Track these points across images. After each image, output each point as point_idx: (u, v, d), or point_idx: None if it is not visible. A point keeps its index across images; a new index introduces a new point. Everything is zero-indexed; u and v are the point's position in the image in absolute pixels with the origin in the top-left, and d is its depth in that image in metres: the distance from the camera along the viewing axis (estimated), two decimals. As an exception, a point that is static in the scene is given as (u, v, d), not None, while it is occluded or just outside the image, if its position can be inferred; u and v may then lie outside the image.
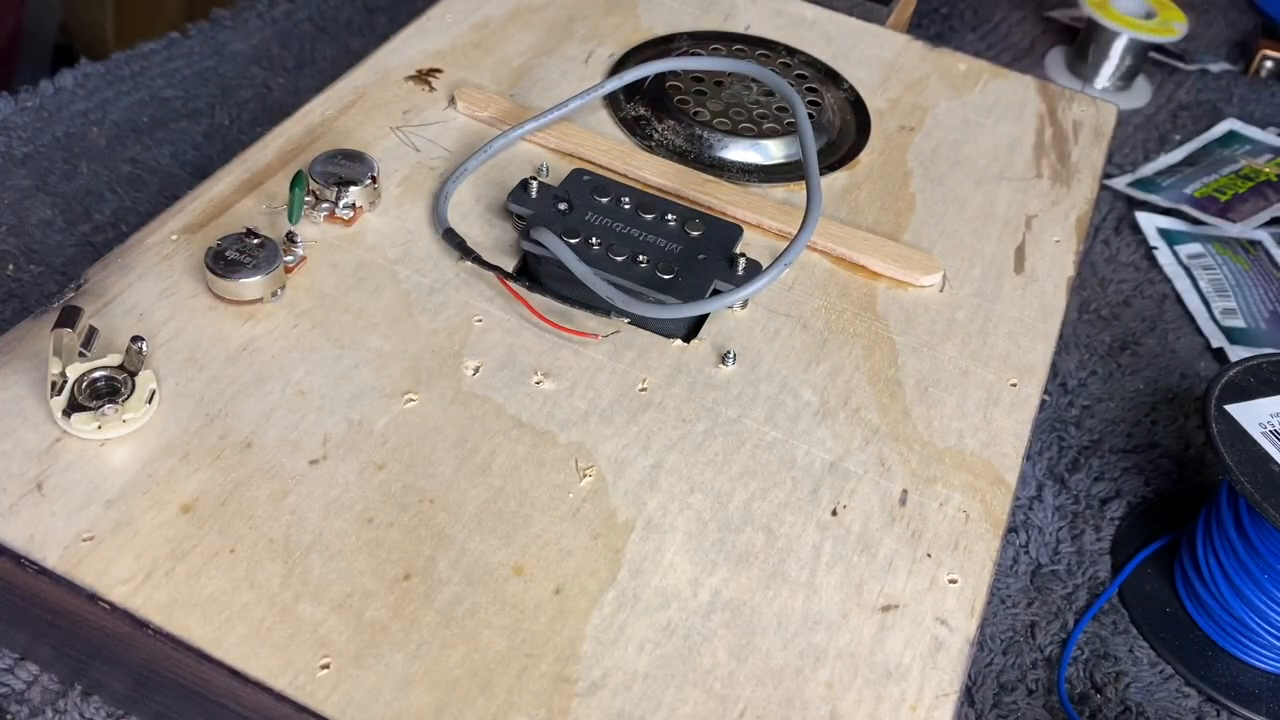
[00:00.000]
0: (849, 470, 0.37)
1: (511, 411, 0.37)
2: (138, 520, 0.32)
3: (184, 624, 0.30)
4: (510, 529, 0.34)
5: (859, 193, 0.48)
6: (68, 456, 0.33)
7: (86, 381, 0.34)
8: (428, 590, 0.32)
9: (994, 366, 0.41)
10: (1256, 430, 0.41)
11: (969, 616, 0.34)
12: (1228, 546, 0.42)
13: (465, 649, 0.31)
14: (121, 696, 0.35)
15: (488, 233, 0.43)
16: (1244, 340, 0.56)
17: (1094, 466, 0.49)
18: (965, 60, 0.56)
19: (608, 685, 0.31)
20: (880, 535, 0.35)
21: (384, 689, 0.30)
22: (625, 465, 0.36)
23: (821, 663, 0.32)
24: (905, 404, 0.39)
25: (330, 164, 0.42)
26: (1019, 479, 0.38)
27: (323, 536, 0.33)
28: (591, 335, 0.39)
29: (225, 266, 0.38)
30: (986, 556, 0.35)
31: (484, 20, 0.53)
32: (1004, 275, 0.45)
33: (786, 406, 0.38)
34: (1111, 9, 0.71)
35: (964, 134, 0.52)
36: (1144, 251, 0.62)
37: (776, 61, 0.53)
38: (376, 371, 0.37)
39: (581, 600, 0.32)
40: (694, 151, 0.48)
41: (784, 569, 0.34)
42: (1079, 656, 0.43)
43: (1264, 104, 0.75)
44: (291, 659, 0.30)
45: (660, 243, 0.42)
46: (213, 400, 0.36)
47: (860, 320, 0.42)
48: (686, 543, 0.34)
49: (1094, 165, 0.51)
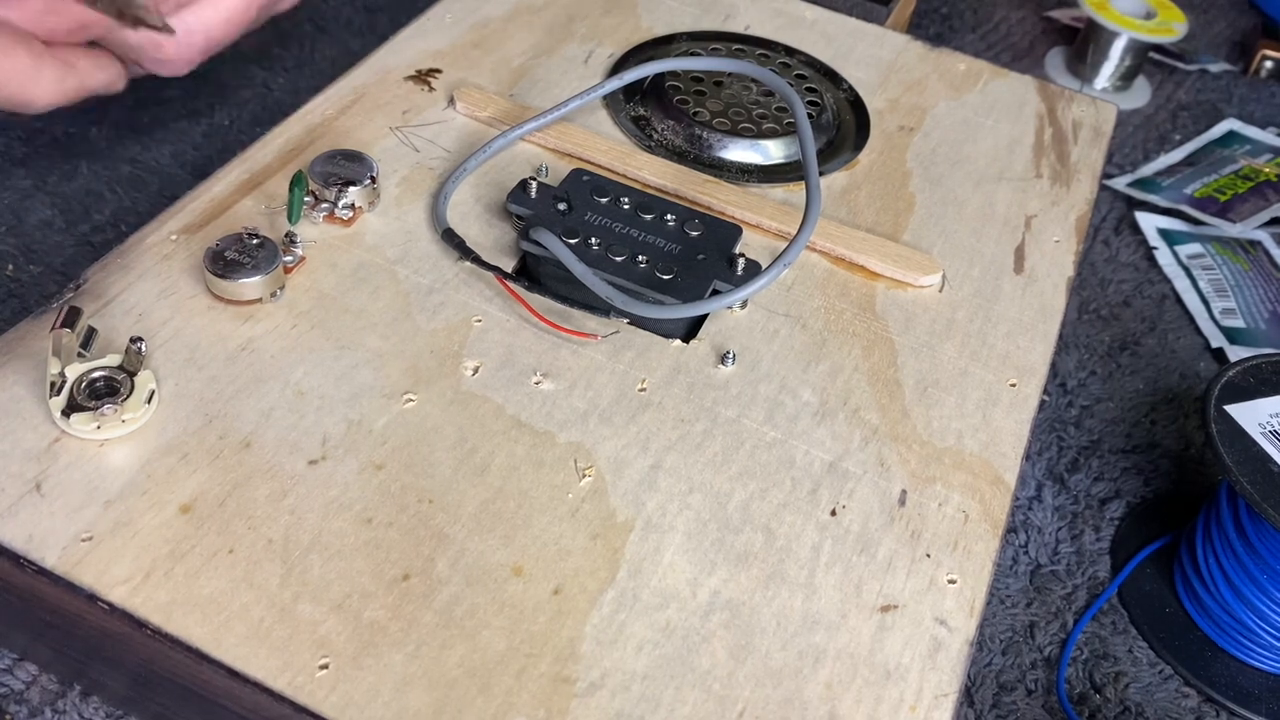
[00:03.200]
0: (848, 470, 0.37)
1: (511, 411, 0.37)
2: (137, 520, 0.32)
3: (183, 624, 0.30)
4: (509, 529, 0.34)
5: (858, 193, 0.48)
6: (67, 457, 0.33)
7: (86, 382, 0.34)
8: (427, 590, 0.32)
9: (993, 367, 0.41)
10: (1256, 430, 0.41)
11: (968, 616, 0.34)
12: (1227, 547, 0.42)
13: (464, 649, 0.31)
14: (121, 697, 0.35)
15: (487, 233, 0.43)
16: (1244, 340, 0.56)
17: (1094, 467, 0.49)
18: (965, 60, 0.56)
19: (607, 685, 0.31)
20: (879, 535, 0.35)
21: (383, 689, 0.30)
22: (624, 465, 0.36)
23: (821, 663, 0.32)
24: (904, 404, 0.39)
25: (330, 164, 0.42)
26: (1018, 479, 0.38)
27: (322, 537, 0.33)
28: (591, 335, 0.39)
29: (224, 267, 0.38)
30: (986, 557, 0.35)
31: (483, 20, 0.53)
32: (1003, 275, 0.45)
33: (786, 407, 0.38)
34: (1111, 9, 0.71)
35: (963, 134, 0.52)
36: (1144, 251, 0.62)
37: (776, 62, 0.53)
38: (376, 371, 0.37)
39: (580, 600, 0.32)
40: (693, 152, 0.48)
41: (783, 569, 0.34)
42: (1078, 656, 0.43)
43: (1264, 104, 0.75)
44: (290, 659, 0.30)
45: (660, 243, 0.42)
46: (212, 400, 0.36)
47: (860, 320, 0.42)
48: (685, 543, 0.34)
49: (1093, 165, 0.51)
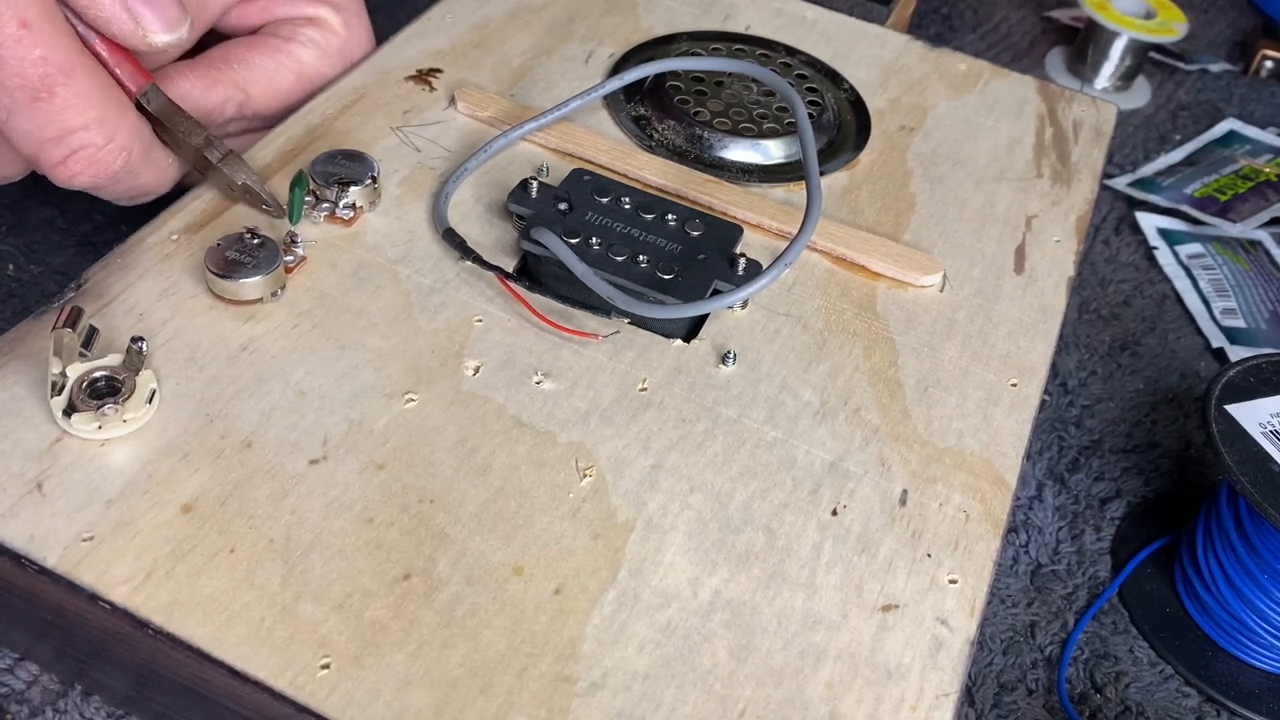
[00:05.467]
0: (849, 470, 0.37)
1: (512, 411, 0.37)
2: (138, 520, 0.32)
3: (184, 624, 0.30)
4: (510, 529, 0.34)
5: (859, 193, 0.48)
6: (68, 457, 0.33)
7: (87, 381, 0.34)
8: (428, 590, 0.32)
9: (994, 366, 0.41)
10: (1256, 430, 0.41)
11: (969, 616, 0.34)
12: (1228, 546, 0.42)
13: (465, 649, 0.31)
14: (122, 696, 0.35)
15: (488, 233, 0.43)
16: (1244, 340, 0.56)
17: (1094, 466, 0.49)
18: (965, 60, 0.56)
19: (608, 685, 0.31)
20: (880, 535, 0.35)
21: (384, 689, 0.30)
22: (625, 465, 0.36)
23: (822, 663, 0.32)
24: (905, 404, 0.39)
25: (330, 164, 0.42)
26: (1019, 479, 0.38)
27: (323, 536, 0.33)
28: (592, 335, 0.39)
29: (225, 266, 0.38)
30: (986, 556, 0.35)
31: (484, 20, 0.53)
32: (1004, 275, 0.45)
33: (786, 406, 0.38)
34: (1111, 9, 0.71)
35: (964, 134, 0.52)
36: (1144, 251, 0.62)
37: (776, 62, 0.53)
38: (377, 371, 0.37)
39: (582, 600, 0.32)
40: (694, 151, 0.48)
41: (784, 569, 0.34)
42: (1079, 656, 0.43)
43: (1264, 104, 0.75)
44: (291, 659, 0.30)
45: (660, 243, 0.42)
46: (213, 400, 0.36)
47: (860, 320, 0.42)
48: (687, 543, 0.34)
49: (1094, 165, 0.51)
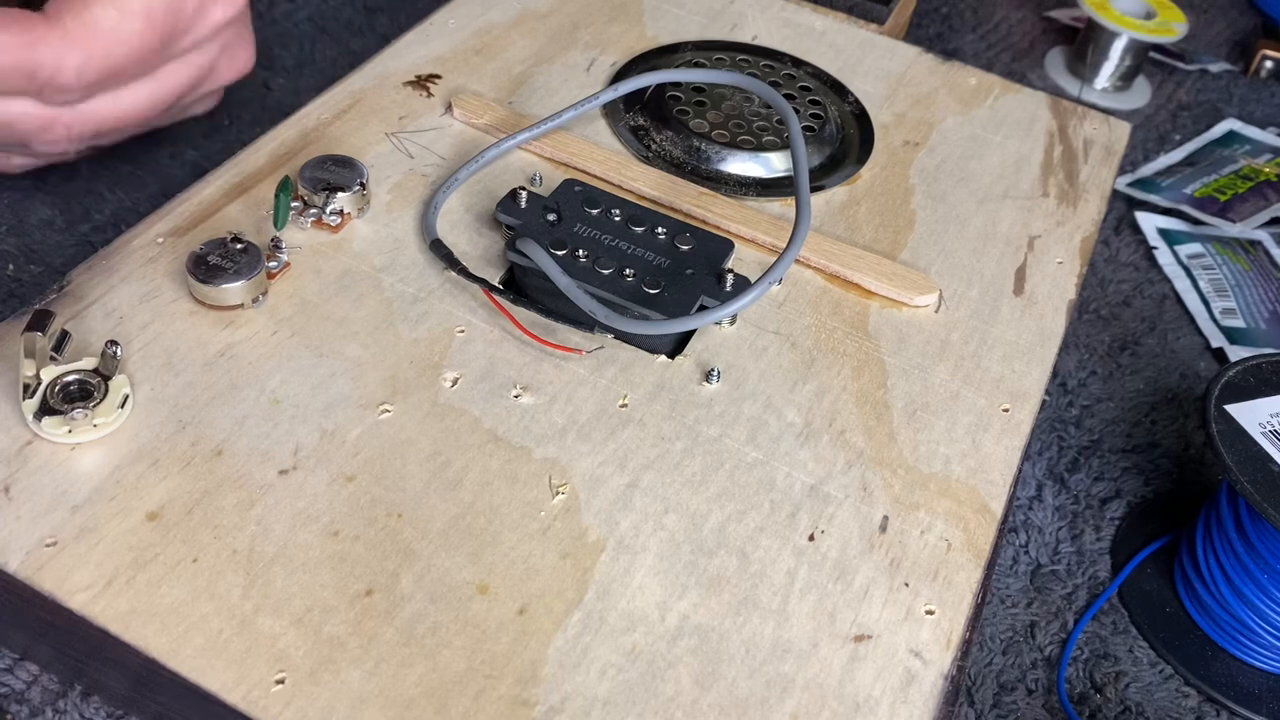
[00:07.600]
0: (829, 494, 0.36)
1: (487, 425, 0.36)
2: (102, 527, 0.32)
3: (141, 634, 0.30)
4: (478, 546, 0.33)
5: (858, 209, 0.47)
6: (37, 460, 0.33)
7: (59, 385, 0.34)
8: (389, 607, 0.31)
9: (986, 391, 0.40)
10: (1256, 430, 0.40)
11: (944, 649, 0.33)
12: (1228, 546, 0.41)
13: (423, 668, 0.30)
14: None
15: (476, 243, 0.42)
16: (1244, 340, 0.56)
17: (1094, 466, 0.49)
18: (976, 74, 0.55)
19: (566, 710, 0.30)
20: (857, 563, 0.34)
21: (338, 706, 0.29)
22: (600, 483, 0.35)
23: (788, 693, 0.31)
24: (892, 427, 0.38)
25: (319, 169, 0.42)
26: (1005, 509, 0.37)
27: (287, 549, 0.32)
28: (575, 350, 0.39)
29: (206, 271, 0.38)
30: (966, 588, 0.34)
31: (487, 26, 0.53)
32: (1002, 297, 0.44)
33: (769, 427, 0.38)
34: (1111, 9, 0.70)
35: (970, 150, 0.51)
36: (1144, 251, 0.61)
37: (781, 73, 0.53)
38: (353, 381, 0.37)
39: (545, 621, 0.32)
40: (692, 163, 0.47)
41: (755, 595, 0.33)
42: (1079, 656, 0.42)
43: (1264, 104, 0.74)
44: (246, 672, 0.30)
45: (649, 256, 0.41)
46: (187, 406, 0.35)
47: (851, 340, 0.41)
48: (657, 565, 0.33)
49: (1102, 186, 0.50)
